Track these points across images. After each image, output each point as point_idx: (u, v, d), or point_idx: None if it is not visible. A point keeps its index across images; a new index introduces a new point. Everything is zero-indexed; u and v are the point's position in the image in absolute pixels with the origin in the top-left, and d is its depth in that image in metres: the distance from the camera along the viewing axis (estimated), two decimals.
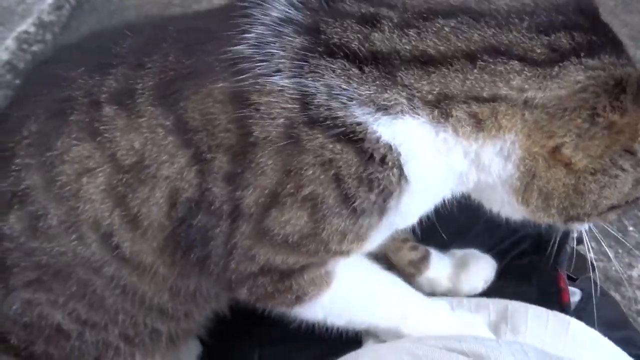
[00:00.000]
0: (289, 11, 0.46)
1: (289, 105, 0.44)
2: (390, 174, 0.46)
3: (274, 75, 0.44)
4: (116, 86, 0.49)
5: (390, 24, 0.45)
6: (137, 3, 2.02)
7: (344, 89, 0.44)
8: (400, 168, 0.46)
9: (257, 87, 0.44)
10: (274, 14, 0.46)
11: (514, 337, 0.54)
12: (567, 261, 0.62)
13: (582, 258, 0.70)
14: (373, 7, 0.46)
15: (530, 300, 0.60)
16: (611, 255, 1.49)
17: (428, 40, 0.44)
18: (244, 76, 0.45)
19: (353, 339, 0.58)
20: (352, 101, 0.44)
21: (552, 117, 0.45)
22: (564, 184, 0.48)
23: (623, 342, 0.55)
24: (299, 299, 0.54)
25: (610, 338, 0.54)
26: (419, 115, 0.45)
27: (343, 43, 0.44)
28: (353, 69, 0.44)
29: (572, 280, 0.65)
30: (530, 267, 0.65)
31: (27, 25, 1.46)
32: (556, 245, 0.63)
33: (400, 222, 0.53)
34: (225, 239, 0.49)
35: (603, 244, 0.66)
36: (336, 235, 0.48)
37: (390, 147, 0.45)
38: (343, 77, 0.44)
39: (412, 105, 0.44)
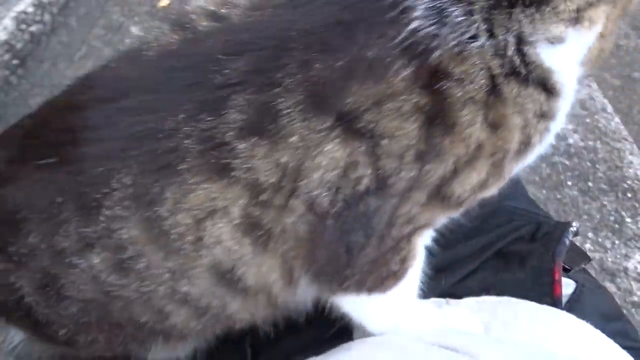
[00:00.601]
0: None
1: (490, 64, 0.45)
2: (560, 101, 0.50)
3: (472, 42, 0.45)
4: (245, 118, 0.45)
5: None
6: None
7: (530, 34, 0.46)
8: (562, 92, 0.50)
9: (453, 57, 0.44)
10: None
11: (505, 333, 0.54)
12: (564, 255, 0.62)
13: (576, 249, 0.70)
14: None
15: (523, 289, 0.60)
16: (607, 246, 1.50)
17: None
18: (434, 54, 0.44)
19: (344, 328, 0.58)
20: (535, 44, 0.46)
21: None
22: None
23: (616, 335, 0.55)
24: (398, 278, 0.54)
25: (603, 330, 0.54)
26: (572, 35, 0.48)
27: None
28: (533, 13, 0.45)
29: (566, 271, 0.65)
30: (527, 254, 0.66)
31: (25, 5, 1.44)
32: (554, 235, 0.63)
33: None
34: (387, 217, 0.48)
35: (599, 235, 0.66)
36: (499, 180, 0.51)
37: (561, 75, 0.49)
38: (526, 23, 0.46)
39: (571, 29, 0.48)
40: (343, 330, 0.58)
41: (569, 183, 1.69)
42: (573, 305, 0.58)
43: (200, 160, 0.45)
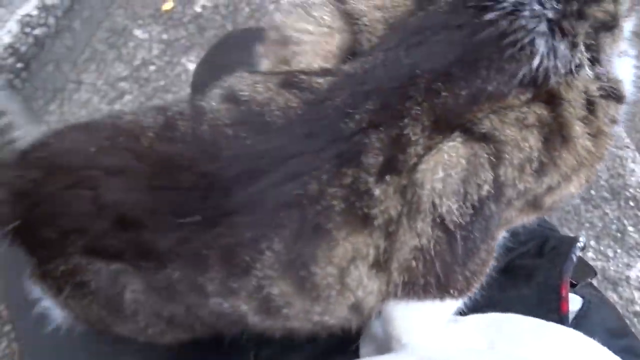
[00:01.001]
0: (557, 6, 0.47)
1: (590, 87, 0.50)
2: (624, 107, 0.55)
3: (579, 70, 0.49)
4: (380, 160, 0.45)
5: None
6: None
7: (611, 54, 0.51)
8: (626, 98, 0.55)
9: (564, 83, 0.48)
10: (549, 14, 0.47)
11: (511, 349, 0.54)
12: (571, 271, 0.62)
13: (583, 263, 0.70)
14: None
15: (529, 305, 0.60)
16: (609, 254, 1.50)
17: None
18: (550, 82, 0.48)
19: (348, 338, 0.58)
20: (612, 61, 0.52)
21: None
22: None
23: (623, 351, 0.55)
24: (480, 280, 0.55)
25: (609, 347, 0.54)
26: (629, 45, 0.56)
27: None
28: (611, 35, 0.51)
29: (572, 285, 0.65)
30: (533, 269, 0.66)
31: (30, 8, 1.44)
32: (561, 250, 0.63)
33: None
34: (498, 221, 0.51)
35: (602, 243, 0.66)
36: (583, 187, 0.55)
37: (625, 83, 0.55)
38: (608, 44, 0.51)
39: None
40: (347, 341, 0.59)
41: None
42: (580, 322, 0.58)
43: (346, 216, 0.46)
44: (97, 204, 0.47)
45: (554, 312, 0.59)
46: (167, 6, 1.91)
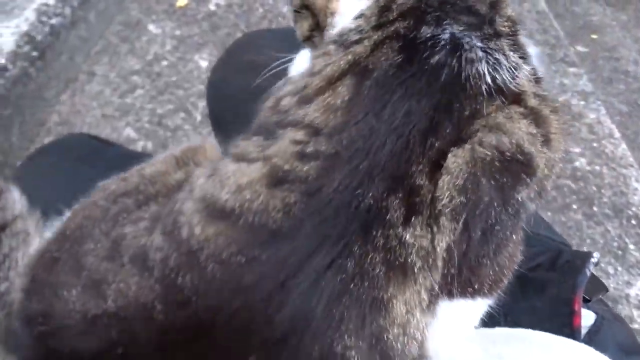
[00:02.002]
0: (479, 35, 0.52)
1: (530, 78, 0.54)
2: None
3: (519, 70, 0.52)
4: (402, 211, 0.46)
5: None
6: None
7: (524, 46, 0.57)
8: None
9: (515, 84, 0.52)
10: (478, 43, 0.52)
11: None
12: (584, 285, 0.62)
13: (595, 279, 0.71)
14: None
15: (541, 318, 0.61)
16: (610, 272, 1.52)
17: None
18: (509, 86, 0.51)
19: None
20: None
21: None
22: None
23: None
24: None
25: None
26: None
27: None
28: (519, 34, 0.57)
29: (585, 301, 0.66)
30: (546, 282, 0.66)
31: None
32: (574, 265, 0.64)
33: None
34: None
35: (602, 260, 0.67)
36: None
37: None
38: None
39: None
40: None
41: (574, 207, 1.71)
42: (592, 337, 0.58)
43: (389, 275, 0.45)
44: None
45: (566, 326, 0.59)
46: (182, 3, 1.92)
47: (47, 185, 0.80)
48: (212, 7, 1.92)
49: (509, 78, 0.51)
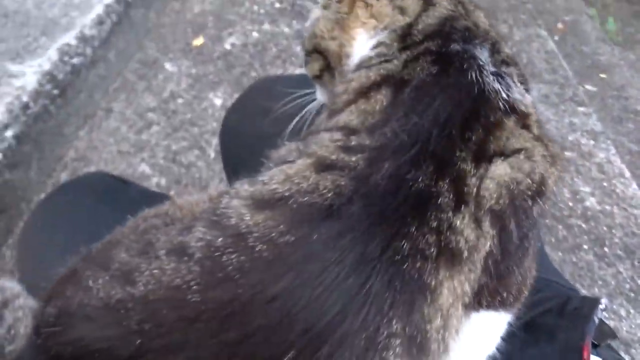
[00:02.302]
0: (492, 61, 0.60)
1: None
2: None
3: (524, 95, 0.59)
4: (452, 196, 0.49)
5: None
6: (172, 22, 2.07)
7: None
8: None
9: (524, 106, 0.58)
10: (491, 69, 0.58)
11: None
12: (593, 332, 0.63)
13: (604, 324, 0.71)
14: None
15: None
16: (622, 314, 1.50)
17: None
18: (520, 108, 0.58)
19: None
20: None
21: None
22: None
23: None
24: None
25: None
26: None
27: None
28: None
29: (594, 346, 0.66)
30: (555, 328, 0.66)
31: (69, 37, 1.50)
32: (583, 311, 0.64)
33: None
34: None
35: (614, 302, 0.68)
36: None
37: None
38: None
39: None
40: None
41: (585, 247, 1.70)
42: None
43: (440, 262, 0.46)
44: None
45: None
46: (198, 42, 1.97)
47: (66, 223, 0.81)
48: (227, 47, 1.97)
49: (520, 98, 0.57)
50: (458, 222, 0.48)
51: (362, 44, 0.65)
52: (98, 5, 1.63)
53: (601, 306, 0.65)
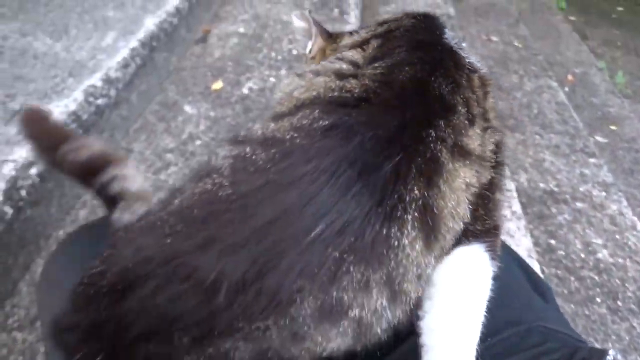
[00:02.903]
0: None
1: None
2: None
3: None
4: (465, 114, 0.62)
5: None
6: (193, 65, 2.13)
7: None
8: None
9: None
10: None
11: None
12: None
13: None
14: None
15: None
16: None
17: None
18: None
19: None
20: None
21: None
22: None
23: None
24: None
25: None
26: None
27: None
28: None
29: None
30: None
31: (95, 79, 1.54)
32: None
33: None
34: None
35: (629, 358, 0.68)
36: None
37: None
38: None
39: None
40: None
41: (598, 300, 1.69)
42: None
43: (454, 154, 0.57)
44: (206, 287, 0.46)
45: None
46: (217, 86, 2.03)
47: (87, 263, 0.83)
48: (245, 91, 2.03)
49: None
50: (471, 132, 0.59)
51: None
52: (124, 49, 1.69)
53: (609, 357, 0.65)
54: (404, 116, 0.54)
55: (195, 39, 2.29)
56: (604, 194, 2.15)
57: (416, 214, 0.51)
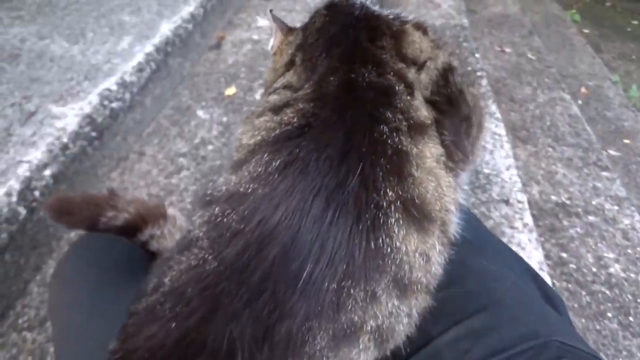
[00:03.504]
0: None
1: None
2: None
3: None
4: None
5: None
6: (206, 71, 2.15)
7: None
8: None
9: None
10: None
11: None
12: None
13: None
14: None
15: None
16: None
17: None
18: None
19: None
20: None
21: None
22: None
23: None
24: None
25: None
26: None
27: None
28: None
29: None
30: None
31: (110, 83, 1.56)
32: None
33: None
34: None
35: None
36: None
37: None
38: None
39: None
40: None
41: (609, 315, 1.67)
42: None
43: (413, 135, 0.57)
44: (222, 356, 0.47)
45: None
46: (230, 91, 2.04)
47: (97, 268, 0.84)
48: (258, 97, 2.03)
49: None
50: (416, 103, 0.58)
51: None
52: (139, 53, 1.71)
53: None
54: (346, 126, 0.53)
55: (210, 45, 2.30)
56: (616, 207, 2.13)
57: (398, 214, 0.51)
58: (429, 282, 0.55)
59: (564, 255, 1.89)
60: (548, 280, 1.58)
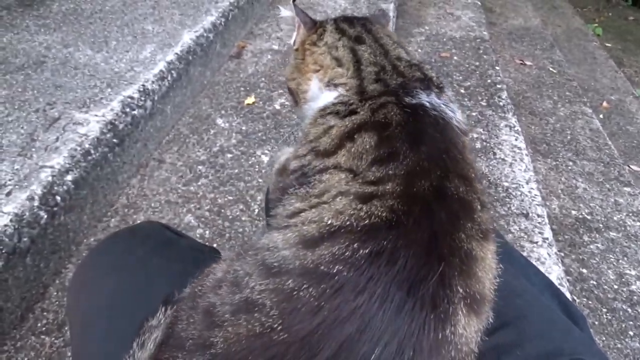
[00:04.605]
0: None
1: None
2: None
3: None
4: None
5: None
6: (227, 80, 2.17)
7: None
8: None
9: None
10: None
11: None
12: None
13: None
14: None
15: None
16: None
17: None
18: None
19: None
20: None
21: None
22: None
23: None
24: None
25: None
26: None
27: None
28: None
29: None
30: None
31: (132, 91, 1.58)
32: None
33: None
34: None
35: None
36: None
37: None
38: None
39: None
40: None
41: (631, 333, 1.63)
42: None
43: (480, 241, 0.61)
44: None
45: None
46: (249, 100, 2.05)
47: (118, 272, 0.84)
48: (277, 106, 2.04)
49: (459, 117, 0.72)
50: (486, 216, 0.63)
51: (316, 84, 0.81)
52: (161, 62, 1.73)
53: None
54: (433, 229, 0.57)
55: (230, 54, 2.33)
56: (638, 224, 2.10)
57: (464, 307, 0.55)
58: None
59: (584, 271, 1.86)
60: (568, 296, 1.55)
